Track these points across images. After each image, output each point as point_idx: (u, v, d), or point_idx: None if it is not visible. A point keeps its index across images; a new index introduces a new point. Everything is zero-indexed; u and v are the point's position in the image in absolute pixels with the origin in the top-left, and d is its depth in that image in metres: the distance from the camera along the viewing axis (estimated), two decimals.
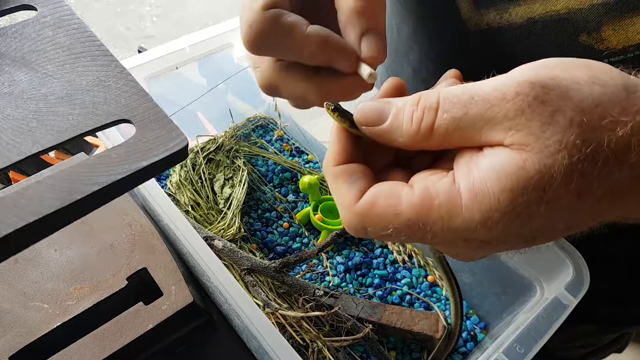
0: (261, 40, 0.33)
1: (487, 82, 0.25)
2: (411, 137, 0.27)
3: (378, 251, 0.67)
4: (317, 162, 0.77)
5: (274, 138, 0.79)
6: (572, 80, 0.24)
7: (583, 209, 0.24)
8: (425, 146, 0.28)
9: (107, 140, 0.52)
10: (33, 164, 0.69)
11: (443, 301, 0.63)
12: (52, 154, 0.73)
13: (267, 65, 0.37)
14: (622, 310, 0.66)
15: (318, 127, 0.78)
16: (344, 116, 0.31)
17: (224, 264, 0.46)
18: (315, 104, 0.37)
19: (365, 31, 0.33)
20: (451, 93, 0.26)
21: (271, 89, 0.39)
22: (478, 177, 0.25)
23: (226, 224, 0.62)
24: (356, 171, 0.29)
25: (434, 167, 0.30)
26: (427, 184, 0.26)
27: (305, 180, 0.67)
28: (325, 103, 0.31)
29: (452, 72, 0.33)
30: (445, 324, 0.57)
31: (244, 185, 0.66)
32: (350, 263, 0.64)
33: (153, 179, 0.50)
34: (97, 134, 0.37)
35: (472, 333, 0.60)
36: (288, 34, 0.32)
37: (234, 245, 0.58)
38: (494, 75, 0.26)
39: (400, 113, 0.28)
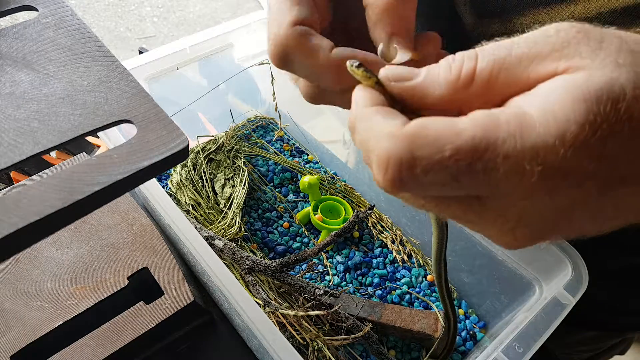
0: (284, 59, 0.31)
1: (522, 35, 0.23)
2: (450, 85, 0.24)
3: (378, 251, 0.67)
4: (317, 162, 0.77)
5: (274, 138, 0.79)
6: (609, 31, 0.23)
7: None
8: (465, 98, 0.23)
9: (109, 140, 0.52)
10: (34, 164, 0.69)
11: None
12: (53, 154, 0.74)
13: (303, 81, 0.35)
14: (623, 317, 0.66)
15: (318, 128, 0.78)
16: (369, 72, 0.27)
17: (225, 264, 0.46)
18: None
19: (396, 33, 0.30)
20: (490, 45, 0.24)
21: (314, 101, 0.36)
22: (542, 96, 0.21)
23: (227, 224, 0.62)
24: (394, 111, 0.25)
25: None
26: (483, 112, 0.22)
27: (305, 180, 0.68)
28: (347, 62, 0.28)
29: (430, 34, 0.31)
30: (443, 322, 0.57)
31: (244, 185, 0.67)
32: (350, 262, 0.64)
33: (154, 179, 0.50)
34: (99, 134, 0.38)
35: (471, 332, 0.60)
36: (311, 57, 0.30)
37: (235, 244, 0.58)
38: None
39: (435, 67, 0.25)
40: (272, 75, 0.74)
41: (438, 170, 0.21)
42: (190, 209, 0.64)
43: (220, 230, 0.62)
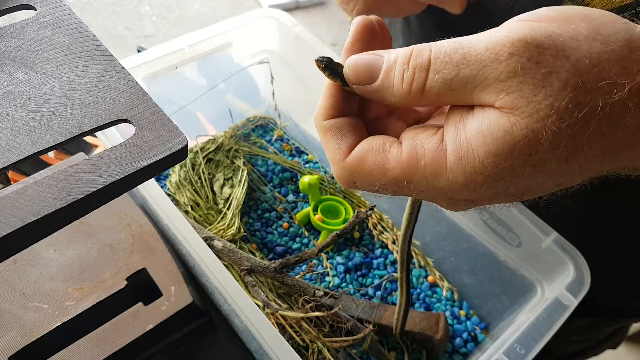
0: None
1: (480, 39, 0.24)
2: (402, 97, 0.27)
3: (378, 251, 0.67)
4: (317, 162, 0.77)
5: (273, 138, 0.79)
6: (571, 36, 0.23)
7: (572, 170, 0.24)
8: (418, 105, 0.28)
9: (107, 140, 0.52)
10: (32, 164, 0.69)
11: (443, 302, 0.63)
12: (51, 154, 0.73)
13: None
14: (620, 302, 0.66)
15: None
16: (335, 74, 0.30)
17: (224, 264, 0.46)
18: None
19: None
20: (443, 51, 0.25)
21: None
22: (465, 139, 0.25)
23: (226, 224, 0.62)
24: (345, 125, 0.29)
25: (427, 120, 0.31)
26: (415, 143, 0.27)
27: (305, 180, 0.67)
28: (315, 60, 0.30)
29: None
30: (445, 323, 0.57)
31: (243, 185, 0.66)
32: (350, 263, 0.64)
33: (152, 179, 0.50)
34: (97, 134, 0.37)
35: (472, 333, 0.60)
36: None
37: (234, 245, 0.58)
38: None
39: (391, 72, 0.27)
40: (271, 75, 0.73)
41: (373, 191, 0.29)
42: (189, 209, 0.63)
43: (219, 231, 0.61)
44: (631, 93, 0.22)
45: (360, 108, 0.32)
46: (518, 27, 0.24)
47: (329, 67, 0.30)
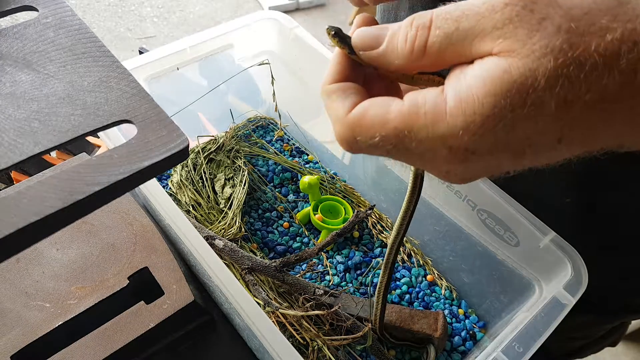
0: None
1: (473, 3, 0.26)
2: (406, 57, 0.28)
3: (378, 250, 0.67)
4: (317, 162, 0.77)
5: (274, 138, 0.79)
6: None
7: (572, 117, 0.24)
8: (421, 66, 0.28)
9: (109, 140, 0.52)
10: (35, 164, 0.69)
11: (442, 300, 0.63)
12: (53, 154, 0.74)
13: None
14: (620, 298, 0.66)
15: (318, 128, 0.78)
16: (343, 42, 0.31)
17: (225, 264, 0.46)
18: None
19: None
20: (444, 10, 0.26)
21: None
22: (465, 84, 0.25)
23: (227, 224, 0.62)
24: (350, 87, 0.30)
25: None
26: (416, 95, 0.27)
27: (306, 180, 0.68)
28: (326, 28, 0.32)
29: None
30: (443, 322, 0.57)
31: (244, 185, 0.67)
32: (350, 262, 0.64)
33: (154, 179, 0.50)
34: (99, 134, 0.38)
35: (471, 332, 0.60)
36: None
37: (235, 244, 0.58)
38: None
39: (395, 36, 0.28)
40: (272, 76, 0.74)
41: (373, 147, 0.28)
42: (191, 209, 0.64)
43: (221, 230, 0.62)
44: (623, 36, 0.23)
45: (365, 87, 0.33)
46: None
47: (339, 34, 0.31)
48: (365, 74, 0.33)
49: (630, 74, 0.23)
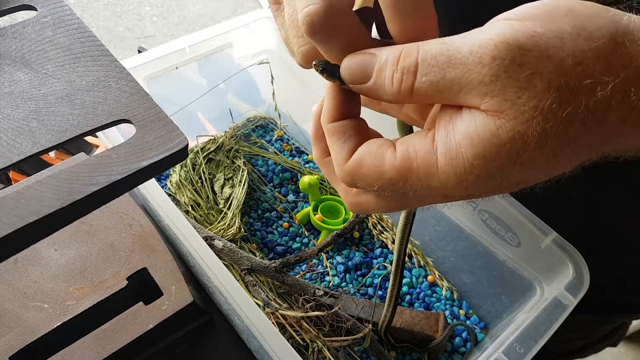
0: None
1: (465, 41, 0.25)
2: (394, 96, 0.28)
3: (378, 251, 0.67)
4: None
5: (274, 138, 0.79)
6: (554, 34, 0.23)
7: (561, 163, 0.25)
8: (410, 102, 0.29)
9: (107, 140, 0.52)
10: (33, 164, 0.69)
11: (443, 301, 0.63)
12: (52, 154, 0.73)
13: None
14: (621, 298, 0.66)
15: None
16: (333, 75, 0.31)
17: (224, 264, 0.46)
18: None
19: None
20: (430, 54, 0.26)
21: None
22: (454, 142, 0.26)
23: (226, 224, 0.62)
24: (349, 128, 0.31)
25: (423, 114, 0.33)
26: (407, 146, 0.28)
27: (305, 180, 0.67)
28: (313, 63, 0.32)
29: None
30: (444, 323, 0.57)
31: (244, 185, 0.66)
32: (350, 263, 0.64)
33: (153, 179, 0.50)
34: (97, 134, 0.37)
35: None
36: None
37: (234, 245, 0.58)
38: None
39: (382, 72, 0.28)
40: (271, 75, 0.74)
41: (372, 191, 0.31)
42: (190, 209, 0.64)
43: (220, 231, 0.62)
44: (614, 90, 0.23)
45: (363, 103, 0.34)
46: (500, 27, 0.24)
47: (326, 69, 0.31)
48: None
49: (619, 124, 0.24)
